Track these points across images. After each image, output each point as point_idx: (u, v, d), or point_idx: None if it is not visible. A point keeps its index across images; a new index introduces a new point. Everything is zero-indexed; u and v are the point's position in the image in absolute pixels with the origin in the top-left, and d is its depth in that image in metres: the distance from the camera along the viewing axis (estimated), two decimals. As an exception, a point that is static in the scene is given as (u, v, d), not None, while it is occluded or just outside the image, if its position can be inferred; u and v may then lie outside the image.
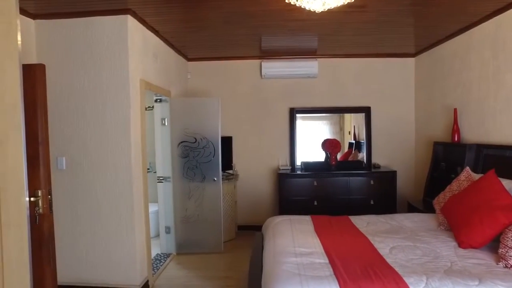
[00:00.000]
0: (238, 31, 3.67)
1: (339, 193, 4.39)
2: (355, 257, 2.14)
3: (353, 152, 5.10)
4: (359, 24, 3.48)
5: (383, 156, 4.92)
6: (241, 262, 3.77)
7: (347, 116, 5.12)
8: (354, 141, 5.09)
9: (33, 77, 2.00)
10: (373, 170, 4.60)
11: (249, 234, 4.72)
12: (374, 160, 4.88)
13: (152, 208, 4.59)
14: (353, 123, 5.13)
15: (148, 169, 5.05)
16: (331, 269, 1.98)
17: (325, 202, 4.38)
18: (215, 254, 4.12)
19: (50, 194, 2.05)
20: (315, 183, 4.39)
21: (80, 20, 2.98)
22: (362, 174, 4.47)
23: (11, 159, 1.88)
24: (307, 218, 3.11)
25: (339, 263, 2.05)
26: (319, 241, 2.45)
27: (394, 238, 2.50)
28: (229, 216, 4.61)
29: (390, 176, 4.43)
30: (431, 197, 3.48)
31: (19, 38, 1.94)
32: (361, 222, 2.97)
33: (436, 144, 4.00)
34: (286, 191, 4.45)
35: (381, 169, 4.62)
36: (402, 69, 4.88)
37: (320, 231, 2.69)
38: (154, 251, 4.17)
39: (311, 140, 4.97)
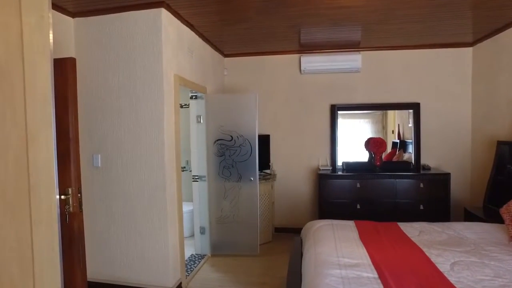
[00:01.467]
0: (276, 23, 3.47)
1: (384, 196, 4.05)
2: (409, 272, 1.86)
3: (397, 152, 4.70)
4: (410, 10, 3.13)
5: (434, 156, 4.48)
6: (277, 267, 3.57)
7: (391, 114, 4.72)
8: (398, 141, 4.69)
9: (64, 71, 1.94)
10: (422, 171, 4.19)
11: (286, 237, 4.52)
12: (424, 161, 4.46)
13: (188, 207, 4.55)
14: (397, 121, 4.73)
15: (184, 167, 5.03)
16: (381, 286, 1.72)
17: (369, 205, 4.06)
18: (251, 257, 3.95)
19: (80, 192, 1.99)
20: (358, 185, 4.08)
21: (115, 16, 2.95)
22: (411, 176, 4.08)
23: (42, 156, 1.81)
24: (351, 223, 2.84)
25: (390, 278, 1.78)
26: (365, 251, 2.19)
27: (454, 251, 2.16)
28: (265, 217, 4.43)
29: (442, 179, 4.00)
30: (495, 204, 3.06)
31: (51, 32, 1.86)
32: (413, 230, 2.64)
33: (501, 143, 3.53)
34: (326, 192, 4.18)
35: (432, 171, 4.19)
36: (457, 60, 4.40)
37: (366, 239, 2.42)
38: (189, 252, 4.10)
39: (353, 139, 4.65)
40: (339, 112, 4.58)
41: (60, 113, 1.94)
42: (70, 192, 1.97)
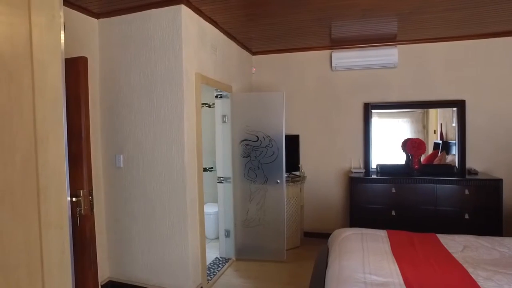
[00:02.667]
0: (303, 16, 3.27)
1: (423, 202, 3.69)
2: (448, 295, 1.60)
3: (439, 154, 4.29)
4: (452, -4, 2.80)
5: (482, 160, 4.03)
6: (304, 275, 3.37)
7: (432, 112, 4.32)
8: (440, 141, 4.29)
9: (76, 71, 1.89)
10: (468, 176, 3.78)
11: (316, 242, 4.29)
12: (469, 164, 4.03)
13: (214, 209, 4.47)
14: (440, 120, 4.32)
15: (211, 168, 4.97)
16: (414, 311, 1.49)
17: (405, 212, 3.73)
18: (277, 262, 3.78)
19: (91, 194, 1.93)
20: (393, 190, 3.76)
21: (136, 15, 2.91)
22: (454, 181, 3.69)
23: (52, 157, 1.76)
24: (383, 233, 2.58)
25: (425, 302, 1.54)
26: (397, 267, 1.94)
27: (509, 275, 1.84)
28: (293, 221, 4.23)
29: (492, 185, 3.57)
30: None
31: (62, 31, 1.81)
32: (455, 244, 2.33)
33: None
34: (358, 197, 3.91)
35: (479, 176, 3.76)
36: (509, 51, 3.92)
37: (399, 253, 2.16)
38: (213, 255, 4.02)
39: (388, 140, 4.32)
40: (373, 111, 4.27)
41: (72, 113, 1.90)
42: (81, 194, 1.92)
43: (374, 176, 3.98)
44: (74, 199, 1.90)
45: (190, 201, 2.93)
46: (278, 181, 3.79)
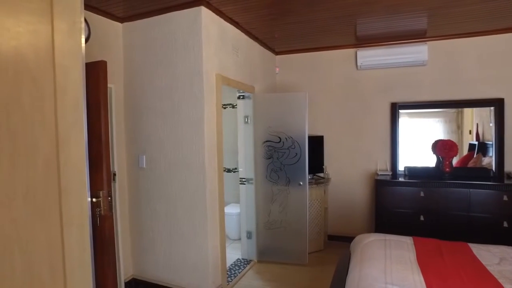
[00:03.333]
0: (327, 14, 3.18)
1: (454, 208, 3.48)
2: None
3: (475, 156, 4.04)
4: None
5: (522, 163, 3.75)
6: (326, 279, 3.28)
7: (468, 111, 4.06)
8: (476, 142, 4.03)
9: (96, 74, 1.94)
10: (507, 181, 3.52)
11: (340, 246, 4.19)
12: (508, 168, 3.76)
13: (237, 209, 4.46)
14: (476, 119, 4.05)
15: (235, 169, 4.97)
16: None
17: (434, 218, 3.54)
18: (299, 265, 3.71)
19: (110, 195, 1.97)
20: (422, 194, 3.58)
21: (158, 18, 2.96)
22: (490, 185, 3.44)
23: (73, 160, 1.82)
24: (408, 240, 2.45)
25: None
26: (422, 278, 1.82)
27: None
28: (317, 224, 4.14)
29: (533, 191, 3.31)
30: None
31: (83, 36, 1.86)
32: (490, 256, 2.16)
33: None
34: (384, 200, 3.75)
35: (519, 181, 3.50)
36: (555, 46, 3.62)
37: (424, 263, 2.03)
38: (235, 256, 4.01)
39: (418, 141, 4.12)
40: (401, 111, 4.09)
41: (93, 117, 1.94)
42: (101, 195, 1.96)
43: (401, 179, 3.81)
44: (94, 199, 1.94)
45: (210, 202, 2.93)
46: (301, 183, 3.72)
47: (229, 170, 5.11)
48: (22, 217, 1.59)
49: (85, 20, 2.77)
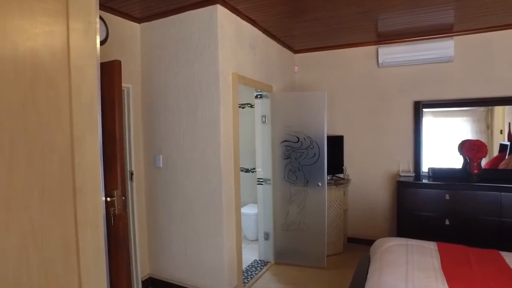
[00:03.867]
0: (345, 10, 3.07)
1: (483, 212, 3.29)
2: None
3: (506, 157, 3.80)
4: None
5: (559, 164, 3.50)
6: (345, 284, 3.18)
7: (498, 109, 3.83)
8: (508, 143, 3.79)
9: (111, 74, 1.94)
10: (541, 184, 3.30)
11: (360, 249, 4.07)
12: (543, 169, 3.52)
13: (254, 210, 4.41)
14: (508, 118, 3.82)
15: (253, 169, 4.93)
16: None
17: (461, 222, 3.35)
18: (317, 268, 3.63)
19: (124, 195, 1.97)
20: (447, 197, 3.40)
21: (174, 17, 2.96)
22: (523, 189, 3.23)
23: (88, 159, 1.82)
24: (432, 246, 2.32)
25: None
26: (446, 287, 1.71)
27: None
28: (336, 226, 4.04)
29: None
30: None
31: (97, 37, 1.87)
32: (522, 264, 2.01)
33: None
34: (407, 203, 3.60)
35: (556, 184, 3.26)
36: None
37: (450, 271, 1.91)
38: (252, 257, 3.97)
39: (444, 141, 3.92)
40: (425, 109, 3.92)
41: (107, 116, 1.95)
42: (115, 195, 1.96)
43: (425, 181, 3.64)
44: (108, 199, 1.94)
45: (226, 202, 2.90)
46: (319, 184, 3.63)
47: (247, 170, 5.07)
48: (38, 216, 1.60)
49: (103, 21, 2.80)
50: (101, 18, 2.78)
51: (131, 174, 3.11)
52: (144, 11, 3.00)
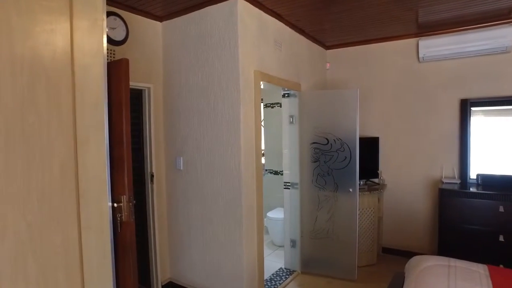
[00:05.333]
0: (379, -1, 2.78)
1: (545, 227, 2.83)
2: None
3: None
4: None
5: None
6: (377, 301, 2.89)
7: None
8: None
9: (118, 73, 1.84)
10: None
11: (396, 260, 3.73)
12: None
13: (282, 215, 4.20)
14: None
15: (282, 171, 4.72)
16: None
17: (518, 238, 2.92)
18: (347, 281, 3.35)
19: (131, 201, 1.86)
20: (502, 209, 2.97)
21: (194, 14, 2.84)
22: None
23: (93, 162, 1.74)
24: (482, 269, 1.98)
25: None
26: (498, 325, 1.40)
27: None
28: (369, 235, 3.72)
29: None
30: None
31: (105, 35, 1.78)
32: None
33: None
34: (450, 214, 3.21)
35: None
36: None
37: (503, 302, 1.59)
38: (278, 264, 3.77)
39: (497, 144, 3.45)
40: (473, 108, 3.48)
41: (115, 118, 1.85)
42: (123, 200, 1.86)
43: (473, 189, 3.22)
44: (115, 204, 1.84)
45: (247, 208, 2.73)
46: (351, 189, 3.35)
47: (276, 173, 4.88)
48: (37, 221, 1.52)
49: (123, 20, 2.74)
50: (120, 17, 2.72)
51: (152, 176, 3.04)
52: (166, 8, 2.91)
